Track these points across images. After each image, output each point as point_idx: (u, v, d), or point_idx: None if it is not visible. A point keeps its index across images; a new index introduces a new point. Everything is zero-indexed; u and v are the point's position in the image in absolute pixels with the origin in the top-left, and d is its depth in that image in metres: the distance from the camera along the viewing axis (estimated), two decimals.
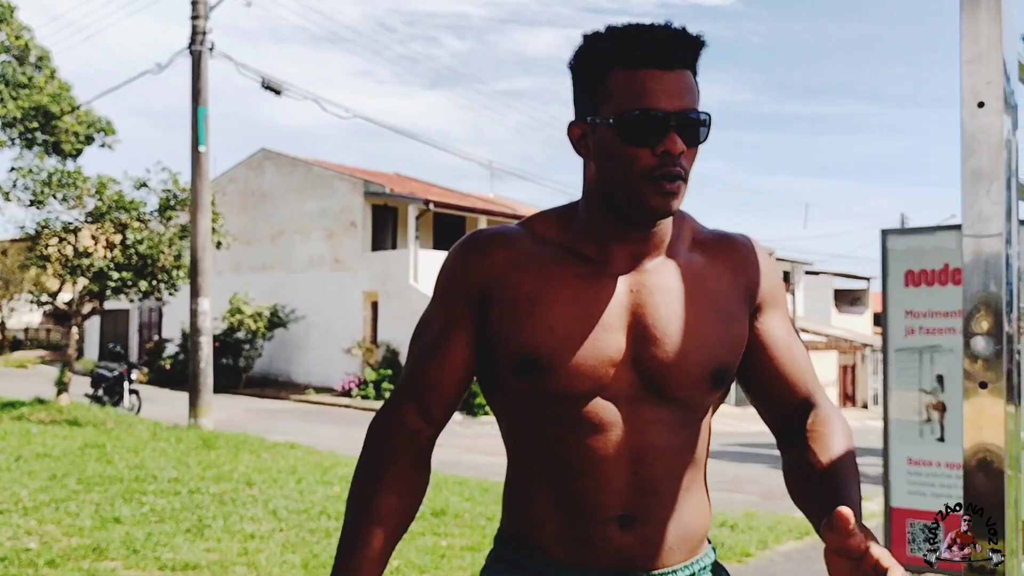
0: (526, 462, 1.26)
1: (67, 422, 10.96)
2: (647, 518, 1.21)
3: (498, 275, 1.23)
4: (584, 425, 1.19)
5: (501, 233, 1.28)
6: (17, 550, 4.73)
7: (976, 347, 1.19)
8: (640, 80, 1.15)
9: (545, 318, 1.20)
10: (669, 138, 1.15)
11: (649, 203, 1.17)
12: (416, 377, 1.27)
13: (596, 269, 1.22)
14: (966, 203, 1.20)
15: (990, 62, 1.19)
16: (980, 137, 1.19)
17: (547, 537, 1.23)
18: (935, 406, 4.25)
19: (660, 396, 1.21)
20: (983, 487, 1.18)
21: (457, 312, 1.25)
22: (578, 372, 1.18)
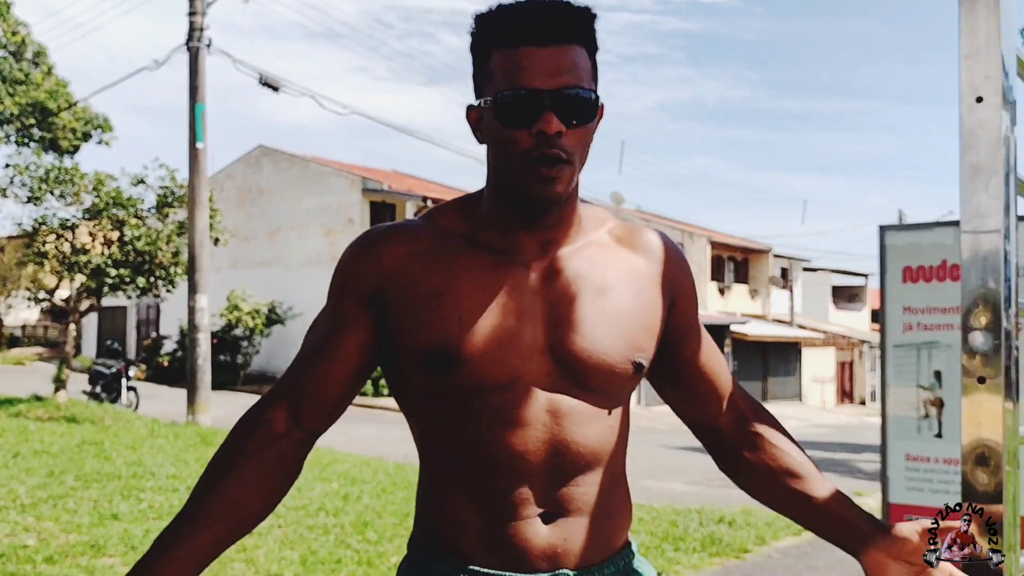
0: (440, 462, 1.20)
1: (65, 419, 10.95)
2: (570, 513, 1.16)
3: (395, 271, 1.17)
4: (500, 419, 1.14)
5: (399, 227, 1.22)
6: (15, 547, 4.73)
7: (975, 343, 1.19)
8: (515, 59, 1.10)
9: (453, 309, 1.14)
10: (544, 118, 1.09)
11: (529, 188, 1.12)
12: (295, 378, 1.20)
13: (504, 259, 1.17)
14: (964, 199, 1.20)
15: (988, 57, 1.19)
16: (978, 132, 1.19)
17: (466, 539, 1.16)
18: (933, 402, 4.26)
19: (579, 386, 1.16)
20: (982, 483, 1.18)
21: (348, 312, 1.19)
22: (491, 362, 1.13)
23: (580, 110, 1.12)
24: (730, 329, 27.10)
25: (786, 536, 6.21)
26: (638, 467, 10.51)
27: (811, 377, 30.41)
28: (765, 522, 6.55)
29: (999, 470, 1.18)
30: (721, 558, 5.56)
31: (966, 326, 1.20)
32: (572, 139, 1.11)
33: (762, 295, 31.79)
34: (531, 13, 1.11)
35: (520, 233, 1.17)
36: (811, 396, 30.20)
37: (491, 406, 1.14)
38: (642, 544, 5.66)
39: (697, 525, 6.40)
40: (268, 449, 1.16)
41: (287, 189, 23.72)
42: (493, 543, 1.15)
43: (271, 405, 1.19)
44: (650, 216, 32.08)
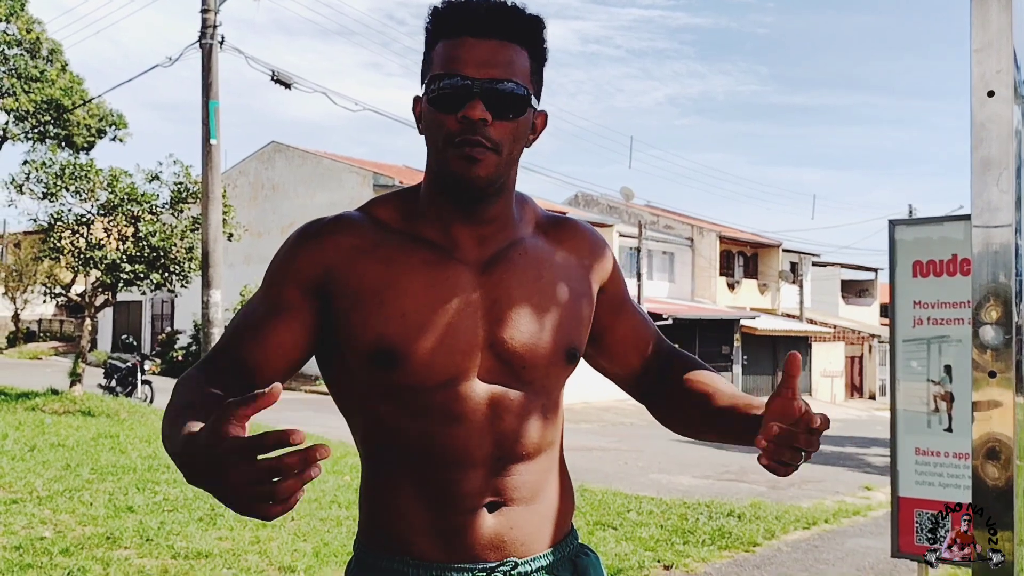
0: (384, 458, 1.20)
1: (81, 412, 11.05)
2: (514, 502, 1.19)
3: (340, 264, 1.17)
4: (443, 414, 1.16)
5: (342, 219, 1.23)
6: (32, 539, 4.78)
7: (985, 337, 1.19)
8: (453, 48, 1.14)
9: (396, 307, 1.15)
10: (470, 104, 1.11)
11: (451, 168, 1.14)
12: (224, 353, 1.16)
13: (443, 255, 1.19)
14: (975, 193, 1.20)
15: (1000, 51, 1.18)
16: (989, 126, 1.19)
17: (412, 534, 1.17)
18: (943, 396, 4.25)
19: (517, 379, 1.19)
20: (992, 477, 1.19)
21: (288, 299, 1.17)
22: (435, 360, 1.15)
23: (508, 103, 1.13)
24: (740, 323, 27.02)
25: (795, 529, 6.21)
26: (648, 461, 10.52)
27: (821, 371, 30.29)
28: (775, 515, 6.55)
29: (1010, 464, 1.18)
30: (731, 551, 5.55)
31: (977, 320, 1.19)
32: (499, 130, 1.13)
33: (771, 289, 31.67)
34: (478, 7, 1.14)
35: (456, 227, 1.19)
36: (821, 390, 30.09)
37: (434, 402, 1.16)
38: (652, 537, 5.68)
39: (707, 519, 6.40)
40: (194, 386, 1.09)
41: (299, 185, 23.80)
42: (440, 536, 1.17)
43: (203, 377, 1.12)
44: (660, 211, 31.98)
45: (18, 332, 31.32)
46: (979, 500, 1.20)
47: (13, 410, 10.81)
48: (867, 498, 8.17)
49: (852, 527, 6.56)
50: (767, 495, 7.84)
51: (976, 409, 1.20)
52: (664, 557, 5.20)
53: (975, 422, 1.20)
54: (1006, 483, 1.18)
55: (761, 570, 5.19)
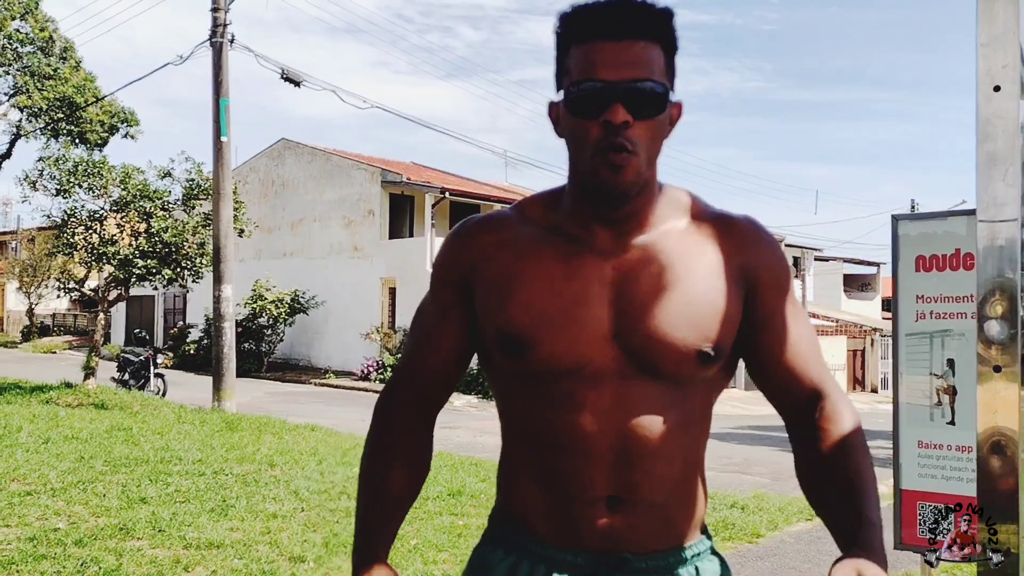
0: (515, 441, 1.26)
1: (94, 405, 11.10)
2: (635, 499, 1.18)
3: (483, 258, 1.23)
4: (568, 403, 1.17)
5: (489, 218, 1.28)
6: (46, 530, 4.81)
7: (991, 331, 1.18)
8: (588, 52, 1.13)
9: (524, 294, 1.18)
10: (611, 108, 1.11)
11: (599, 177, 1.14)
12: (412, 365, 1.30)
13: (579, 248, 1.20)
14: (981, 188, 1.18)
15: (1006, 45, 1.16)
16: (995, 121, 1.17)
17: (534, 517, 1.22)
18: (945, 390, 4.26)
19: (647, 373, 1.17)
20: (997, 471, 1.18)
21: (447, 299, 1.27)
22: (559, 348, 1.16)
23: (648, 103, 1.13)
24: None
25: (798, 521, 6.22)
26: None
27: None
28: (778, 507, 6.56)
29: (1015, 458, 1.18)
30: (734, 543, 5.57)
31: (982, 315, 1.18)
32: (639, 131, 1.13)
33: None
34: (607, 9, 1.14)
35: (596, 223, 1.20)
36: None
37: (559, 390, 1.18)
38: None
39: (710, 510, 6.38)
40: (411, 431, 1.29)
41: (309, 181, 23.88)
42: (558, 522, 1.20)
43: (399, 393, 1.30)
44: None
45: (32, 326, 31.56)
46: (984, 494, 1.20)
47: (28, 403, 10.87)
48: None
49: None
50: (770, 487, 7.86)
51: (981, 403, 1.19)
52: None
53: (980, 416, 1.19)
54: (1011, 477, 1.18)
55: (764, 561, 5.21)
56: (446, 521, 5.56)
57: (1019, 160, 1.17)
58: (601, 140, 1.13)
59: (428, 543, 5.01)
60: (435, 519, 5.61)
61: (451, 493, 6.42)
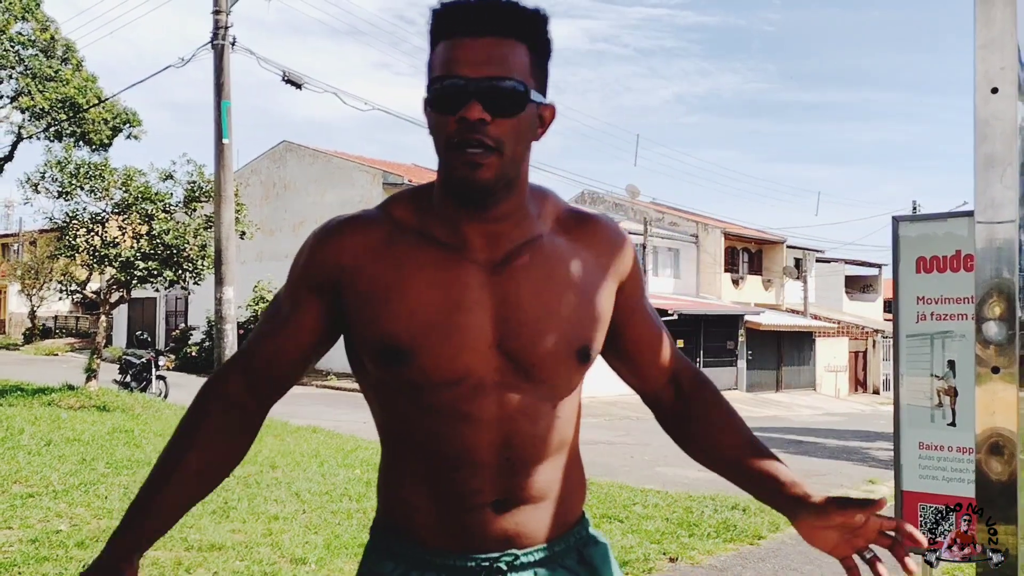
0: (396, 449, 1.23)
1: (96, 407, 11.10)
2: (520, 500, 1.19)
3: (351, 263, 1.19)
4: (452, 413, 1.16)
5: (356, 219, 1.24)
6: (48, 532, 4.82)
7: (988, 333, 1.18)
8: (449, 49, 1.13)
9: (404, 305, 1.16)
10: (467, 105, 1.10)
11: (455, 173, 1.13)
12: (251, 353, 1.25)
13: (453, 253, 1.18)
14: (979, 190, 1.18)
15: (1004, 48, 1.17)
16: (993, 123, 1.18)
17: (420, 524, 1.20)
18: (946, 391, 4.26)
19: (527, 379, 1.18)
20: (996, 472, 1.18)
21: (303, 298, 1.22)
22: (442, 359, 1.15)
23: (506, 101, 1.12)
24: (744, 319, 26.96)
25: None
26: (653, 455, 10.54)
27: (825, 366, 30.21)
28: None
29: (1013, 459, 1.18)
30: (735, 544, 5.56)
31: (980, 316, 1.19)
32: (499, 129, 1.12)
33: (776, 285, 31.60)
34: (472, 6, 1.13)
35: (467, 226, 1.18)
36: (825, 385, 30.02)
37: (442, 401, 1.16)
38: (657, 530, 5.70)
39: (711, 511, 6.42)
40: (225, 417, 1.23)
41: (310, 183, 23.91)
42: (445, 529, 1.19)
43: (227, 378, 1.25)
44: (665, 208, 31.92)
45: (34, 328, 31.59)
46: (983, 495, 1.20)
47: (30, 405, 10.87)
48: (871, 491, 8.18)
49: None
50: None
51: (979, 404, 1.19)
52: (669, 550, 5.22)
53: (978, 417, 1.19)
54: (1009, 478, 1.17)
55: (766, 563, 5.21)
56: None
57: (1017, 162, 1.18)
58: (454, 135, 1.12)
59: None
60: None
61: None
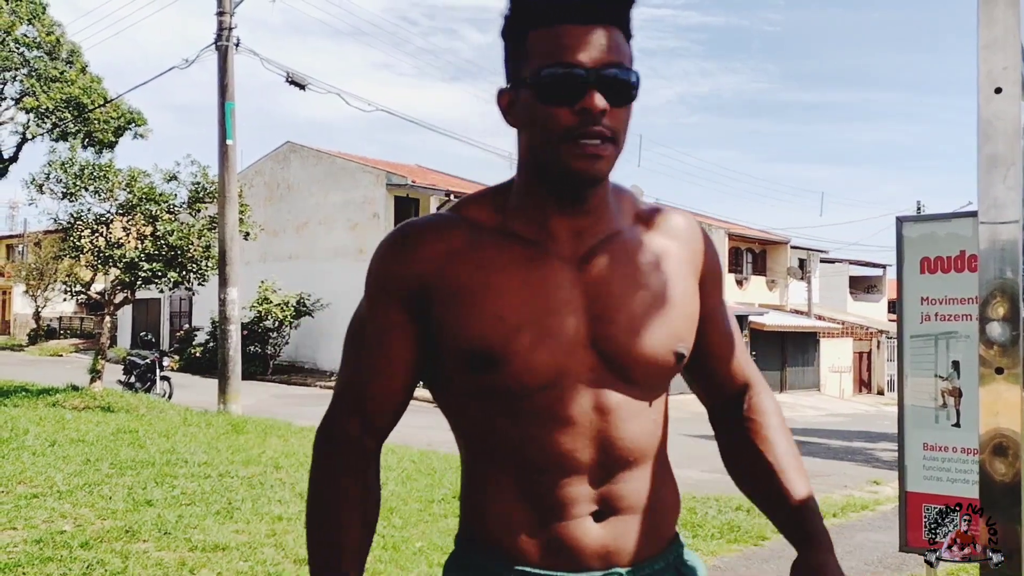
0: (486, 460, 1.15)
1: (100, 408, 11.11)
2: (620, 510, 1.13)
3: (435, 269, 1.12)
4: (546, 417, 1.10)
5: (431, 223, 1.17)
6: (52, 532, 4.82)
7: (992, 333, 1.18)
8: (556, 36, 1.06)
9: (492, 307, 1.10)
10: (588, 95, 1.05)
11: (572, 166, 1.07)
12: (356, 388, 1.18)
13: (539, 250, 1.12)
14: (982, 190, 1.18)
15: (1007, 47, 1.16)
16: (996, 123, 1.17)
17: (515, 539, 1.12)
18: (951, 392, 4.25)
19: (623, 380, 1.13)
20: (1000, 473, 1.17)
21: (393, 316, 1.15)
22: (535, 360, 1.09)
23: (622, 90, 1.07)
24: (748, 320, 26.93)
25: None
26: None
27: (829, 367, 30.14)
28: None
29: (1017, 460, 1.17)
30: (739, 545, 5.56)
31: (984, 317, 1.18)
32: (615, 119, 1.07)
33: (780, 286, 31.56)
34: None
35: (553, 221, 1.13)
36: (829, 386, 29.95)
37: (537, 405, 1.10)
38: None
39: (715, 512, 6.42)
40: (360, 468, 1.17)
41: (314, 184, 23.94)
42: (543, 543, 1.12)
43: (344, 421, 1.18)
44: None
45: (39, 329, 31.67)
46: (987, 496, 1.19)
47: (34, 406, 10.88)
48: (875, 492, 8.17)
49: (860, 521, 6.57)
50: None
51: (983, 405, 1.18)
52: None
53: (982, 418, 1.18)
54: (1013, 478, 1.16)
55: (770, 563, 5.20)
56: (451, 524, 5.56)
57: (1020, 162, 1.17)
58: (575, 128, 1.06)
59: (433, 546, 5.01)
60: (440, 522, 5.61)
61: (456, 496, 6.42)
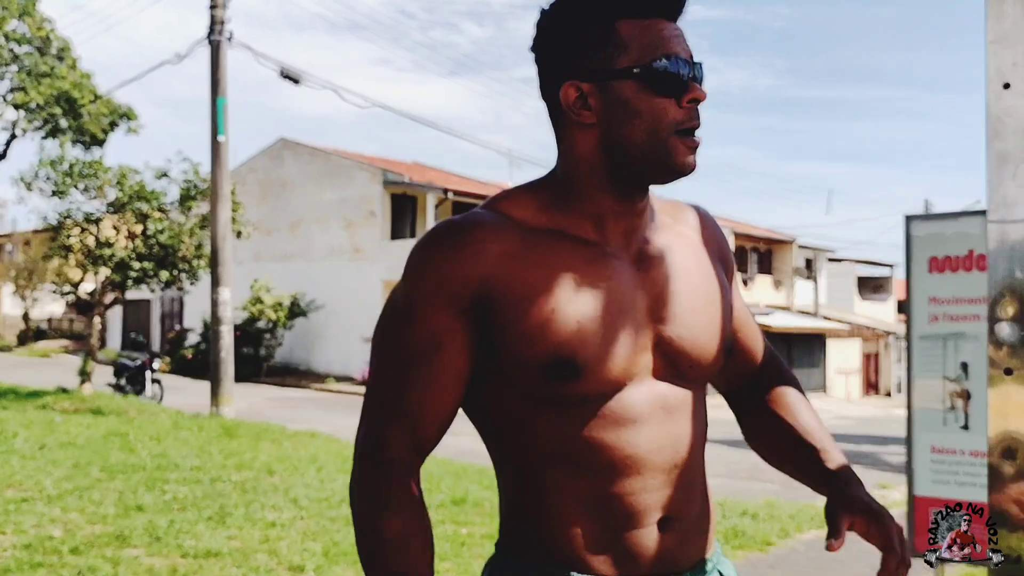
0: (546, 470, 1.11)
1: (90, 411, 11.08)
2: (684, 517, 1.13)
3: (495, 274, 1.07)
4: (618, 421, 1.09)
5: (484, 224, 1.10)
6: (41, 538, 4.79)
7: (1001, 334, 1.17)
8: (656, 29, 1.08)
9: (568, 312, 1.07)
10: (694, 88, 1.08)
11: (678, 159, 1.08)
12: (406, 404, 1.10)
13: (597, 251, 1.11)
14: (991, 188, 1.17)
15: (1016, 43, 1.16)
16: (1005, 120, 1.16)
17: (579, 549, 1.10)
18: (959, 394, 4.21)
19: (683, 378, 1.13)
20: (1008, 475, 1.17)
21: (447, 322, 1.08)
22: (612, 366, 1.08)
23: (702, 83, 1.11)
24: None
25: (810, 529, 6.18)
26: None
27: (836, 368, 30.21)
28: (789, 515, 6.52)
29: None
30: (745, 551, 5.54)
31: (993, 317, 1.18)
32: None
33: (786, 286, 31.59)
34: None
35: (611, 221, 1.12)
36: (836, 388, 30.02)
37: (610, 409, 1.09)
38: None
39: (720, 518, 6.28)
40: (415, 492, 1.10)
41: (309, 182, 23.84)
42: (609, 550, 1.10)
43: (393, 442, 1.10)
44: None
45: (28, 330, 31.49)
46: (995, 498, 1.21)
47: (23, 409, 10.87)
48: (883, 496, 8.11)
49: None
50: (781, 494, 7.81)
51: (992, 407, 1.18)
52: None
53: (991, 420, 1.18)
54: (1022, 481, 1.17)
55: (775, 570, 5.18)
56: (449, 530, 5.51)
57: None
58: (683, 120, 1.08)
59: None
60: (438, 528, 5.53)
61: (454, 501, 6.36)
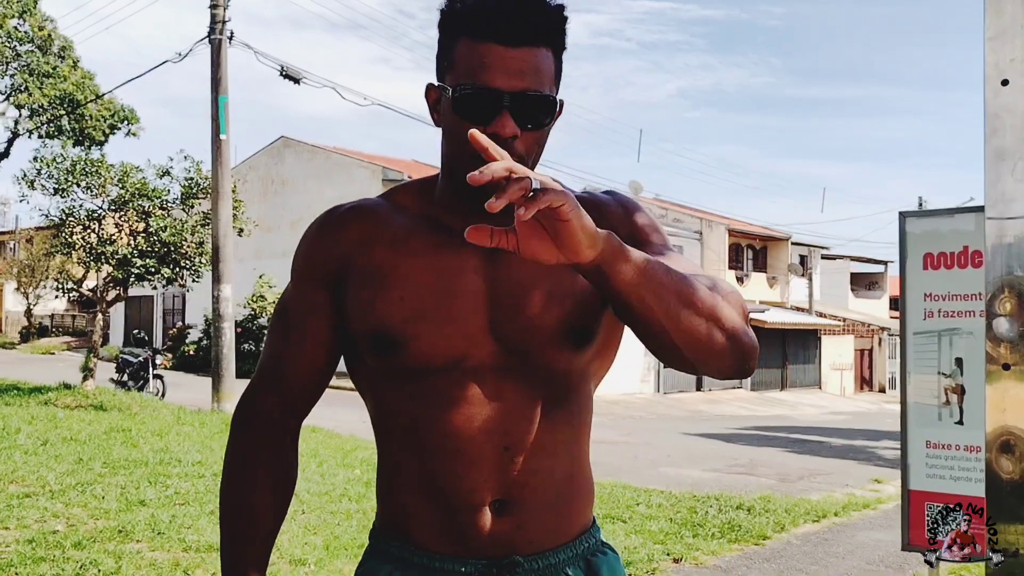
0: (391, 447, 1.19)
1: (93, 407, 11.08)
2: (522, 501, 1.13)
3: (353, 250, 1.17)
4: (446, 402, 1.12)
5: (357, 206, 1.22)
6: (44, 532, 4.80)
7: (999, 329, 1.16)
8: (480, 53, 1.07)
9: (395, 289, 1.13)
10: (500, 119, 1.06)
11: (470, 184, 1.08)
12: (275, 367, 1.23)
13: (453, 238, 1.12)
14: (989, 184, 1.17)
15: (1014, 39, 1.15)
16: (1003, 116, 1.16)
17: (418, 527, 1.16)
18: (954, 389, 4.23)
19: (523, 365, 1.14)
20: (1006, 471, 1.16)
21: (313, 294, 1.20)
22: (433, 344, 1.12)
23: (537, 113, 1.09)
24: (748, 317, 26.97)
25: (805, 522, 6.20)
26: (657, 454, 10.52)
27: (830, 364, 30.22)
28: (784, 508, 6.54)
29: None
30: (740, 544, 5.55)
31: (991, 313, 1.16)
32: (526, 142, 1.09)
33: (781, 283, 31.58)
34: (506, 9, 1.07)
35: (474, 214, 1.10)
36: (830, 383, 30.03)
37: (436, 388, 1.12)
38: (661, 530, 5.68)
39: (716, 512, 6.40)
40: (275, 443, 1.23)
41: (309, 179, 23.85)
42: (444, 531, 1.14)
43: (261, 399, 1.24)
44: (668, 204, 31.89)
45: (31, 327, 31.53)
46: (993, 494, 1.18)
47: (26, 404, 10.84)
48: (877, 491, 8.16)
49: (862, 520, 6.57)
50: (777, 488, 7.84)
51: (990, 402, 1.17)
52: (673, 550, 5.21)
53: (989, 415, 1.17)
54: (1021, 476, 1.16)
55: (771, 563, 5.19)
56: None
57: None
58: None
59: None
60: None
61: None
